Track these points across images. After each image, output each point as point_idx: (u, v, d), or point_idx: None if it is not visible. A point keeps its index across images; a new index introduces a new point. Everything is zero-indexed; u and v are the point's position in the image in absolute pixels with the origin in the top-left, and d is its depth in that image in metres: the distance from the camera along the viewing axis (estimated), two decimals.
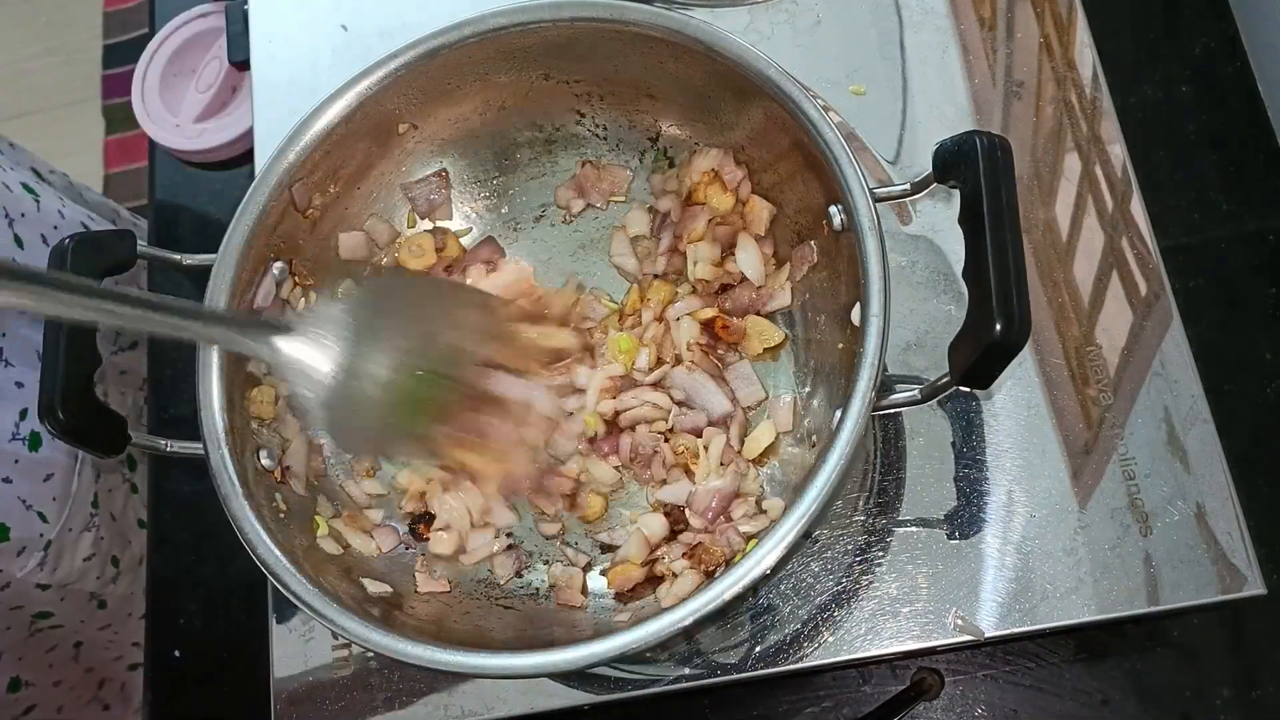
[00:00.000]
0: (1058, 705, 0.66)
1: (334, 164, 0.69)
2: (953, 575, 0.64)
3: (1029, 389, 0.67)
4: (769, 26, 0.78)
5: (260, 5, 0.85)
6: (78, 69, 2.02)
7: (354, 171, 0.71)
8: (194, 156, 0.91)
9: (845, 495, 0.66)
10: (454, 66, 0.69)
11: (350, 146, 0.69)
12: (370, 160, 0.72)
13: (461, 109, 0.73)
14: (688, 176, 0.71)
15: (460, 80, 0.71)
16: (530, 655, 0.55)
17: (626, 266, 0.73)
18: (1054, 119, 0.74)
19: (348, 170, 0.71)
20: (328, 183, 0.69)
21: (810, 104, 0.61)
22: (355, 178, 0.72)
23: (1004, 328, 0.50)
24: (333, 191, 0.70)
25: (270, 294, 0.68)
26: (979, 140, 0.54)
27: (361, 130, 0.69)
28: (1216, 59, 0.81)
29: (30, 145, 1.07)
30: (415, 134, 0.72)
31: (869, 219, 0.58)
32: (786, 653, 0.64)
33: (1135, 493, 0.65)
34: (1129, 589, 0.63)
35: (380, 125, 0.70)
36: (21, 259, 0.87)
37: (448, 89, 0.71)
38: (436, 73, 0.69)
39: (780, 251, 0.69)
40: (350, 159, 0.70)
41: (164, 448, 0.64)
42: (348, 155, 0.70)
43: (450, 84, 0.71)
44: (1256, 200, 0.77)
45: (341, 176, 0.70)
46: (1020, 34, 0.77)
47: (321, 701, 0.67)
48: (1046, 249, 0.71)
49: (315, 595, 0.57)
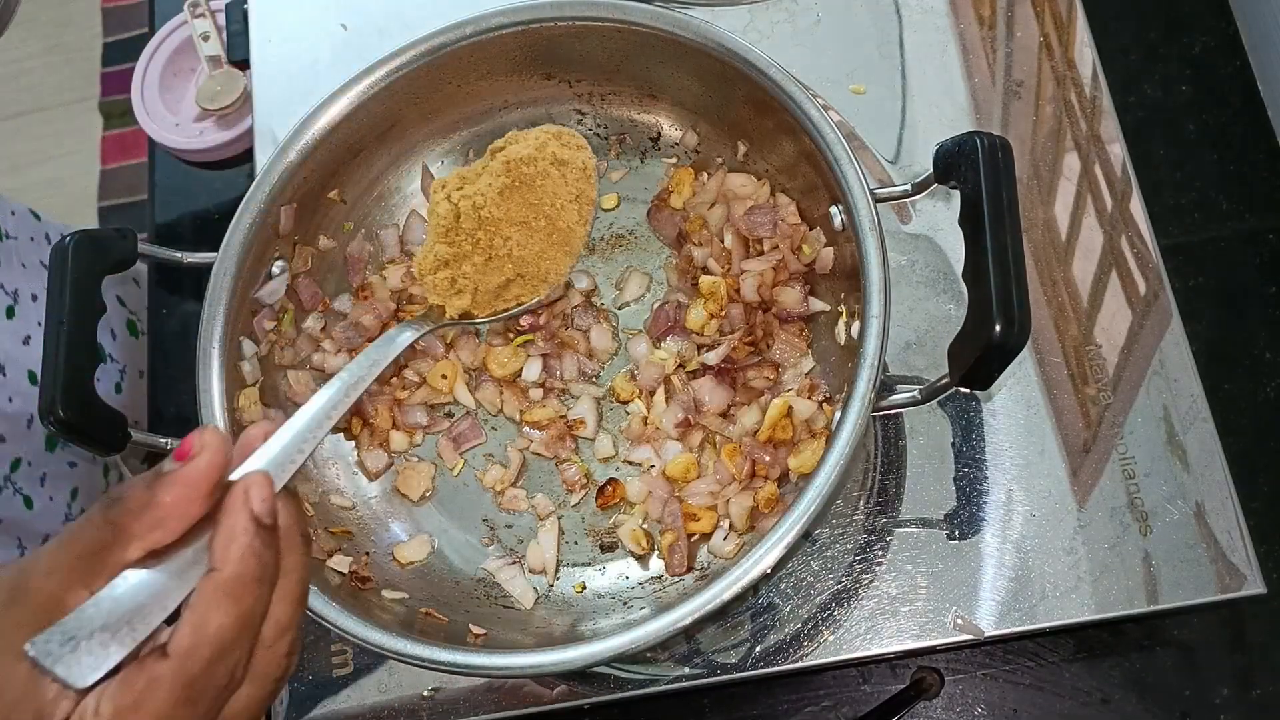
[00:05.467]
0: (1057, 704, 0.66)
1: (334, 164, 0.69)
2: (952, 575, 0.64)
3: (1028, 389, 0.68)
4: (769, 26, 0.78)
5: (260, 5, 0.85)
6: (77, 68, 2.02)
7: (354, 171, 0.71)
8: (194, 155, 0.91)
9: (845, 495, 0.67)
10: (454, 66, 0.69)
11: (350, 146, 0.69)
12: (370, 160, 0.72)
13: (462, 109, 0.73)
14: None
15: (460, 80, 0.71)
16: (530, 655, 0.55)
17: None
18: (1054, 118, 0.74)
19: (348, 169, 0.71)
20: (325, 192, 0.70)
21: (810, 104, 0.61)
22: (356, 177, 0.72)
23: (1004, 329, 0.50)
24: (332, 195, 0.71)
25: (276, 293, 0.69)
26: (979, 141, 0.54)
27: (362, 130, 0.69)
28: (1216, 59, 0.81)
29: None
30: (415, 134, 0.72)
31: (869, 219, 0.58)
32: (786, 652, 0.64)
33: (1135, 492, 0.65)
34: (1128, 588, 0.63)
35: (380, 125, 0.70)
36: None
37: (448, 89, 0.71)
38: (437, 72, 0.69)
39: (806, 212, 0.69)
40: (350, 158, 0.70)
41: (164, 446, 0.64)
42: (348, 154, 0.70)
43: (450, 84, 0.71)
44: (1256, 200, 0.78)
45: (341, 176, 0.71)
46: (1020, 33, 0.77)
47: (321, 701, 0.67)
48: (1046, 248, 0.71)
49: (314, 594, 0.57)
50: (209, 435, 0.38)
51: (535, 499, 0.68)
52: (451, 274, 0.63)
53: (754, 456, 0.64)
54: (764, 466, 0.64)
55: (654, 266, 0.73)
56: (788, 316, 0.67)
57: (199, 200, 0.91)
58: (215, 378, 0.63)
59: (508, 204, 0.63)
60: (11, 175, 1.93)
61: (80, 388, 0.60)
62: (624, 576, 0.66)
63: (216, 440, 0.38)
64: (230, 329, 0.65)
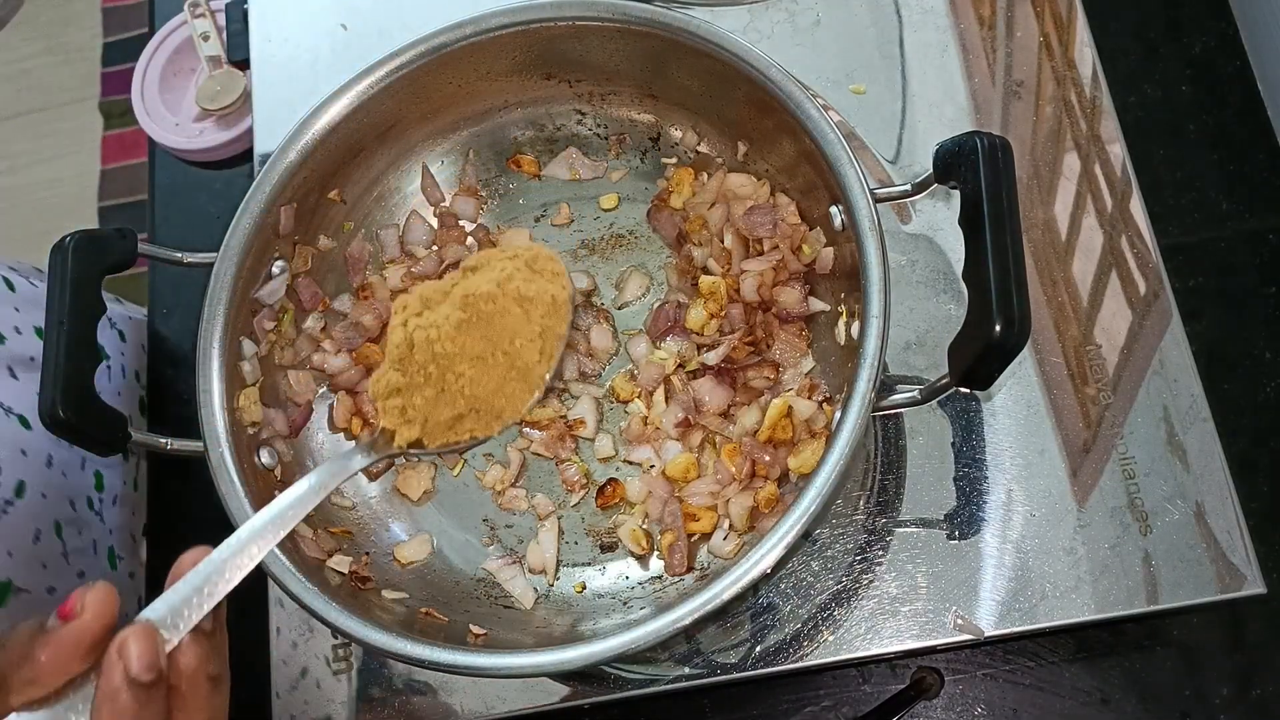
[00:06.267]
0: (1057, 704, 0.66)
1: (334, 164, 0.69)
2: (952, 574, 0.64)
3: (1028, 388, 0.68)
4: (769, 26, 0.78)
5: (260, 5, 0.85)
6: (77, 68, 2.02)
7: (355, 171, 0.71)
8: (193, 155, 0.91)
9: (845, 495, 0.67)
10: (454, 66, 0.69)
11: (350, 146, 0.69)
12: (370, 160, 0.72)
13: (462, 109, 0.73)
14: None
15: (460, 80, 0.71)
16: (530, 655, 0.55)
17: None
18: (1054, 118, 0.74)
19: (348, 170, 0.71)
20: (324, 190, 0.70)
21: (810, 104, 0.61)
22: (356, 177, 0.72)
23: (1004, 329, 0.50)
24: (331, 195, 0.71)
25: (276, 293, 0.69)
26: (979, 141, 0.54)
27: (362, 130, 0.69)
28: (1216, 59, 0.81)
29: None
30: (415, 134, 0.72)
31: (869, 219, 0.58)
32: (786, 652, 0.64)
33: (1134, 492, 0.65)
34: (1128, 588, 0.63)
35: (380, 125, 0.70)
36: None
37: (448, 89, 0.71)
38: (437, 72, 0.69)
39: (806, 212, 0.69)
40: (350, 158, 0.70)
41: (164, 446, 0.64)
42: (348, 154, 0.70)
43: (450, 84, 0.71)
44: (1256, 200, 0.78)
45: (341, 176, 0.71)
46: (1020, 33, 0.77)
47: (321, 701, 0.67)
48: (1046, 248, 0.71)
49: (314, 595, 0.57)
50: (92, 595, 0.38)
51: (535, 499, 0.69)
52: (403, 403, 0.62)
53: (754, 456, 0.64)
54: (764, 466, 0.64)
55: (654, 266, 0.73)
56: (788, 316, 0.67)
57: (199, 200, 0.91)
58: (215, 378, 0.63)
59: (464, 339, 0.61)
60: (11, 175, 1.93)
61: (80, 388, 0.60)
62: (624, 576, 0.66)
63: (98, 599, 0.38)
64: (230, 329, 0.65)
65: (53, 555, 0.76)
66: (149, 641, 0.38)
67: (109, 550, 0.83)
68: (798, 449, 0.63)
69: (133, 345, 0.91)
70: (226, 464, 0.61)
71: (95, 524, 0.82)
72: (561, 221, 0.75)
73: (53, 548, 0.76)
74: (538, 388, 0.64)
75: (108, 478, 0.84)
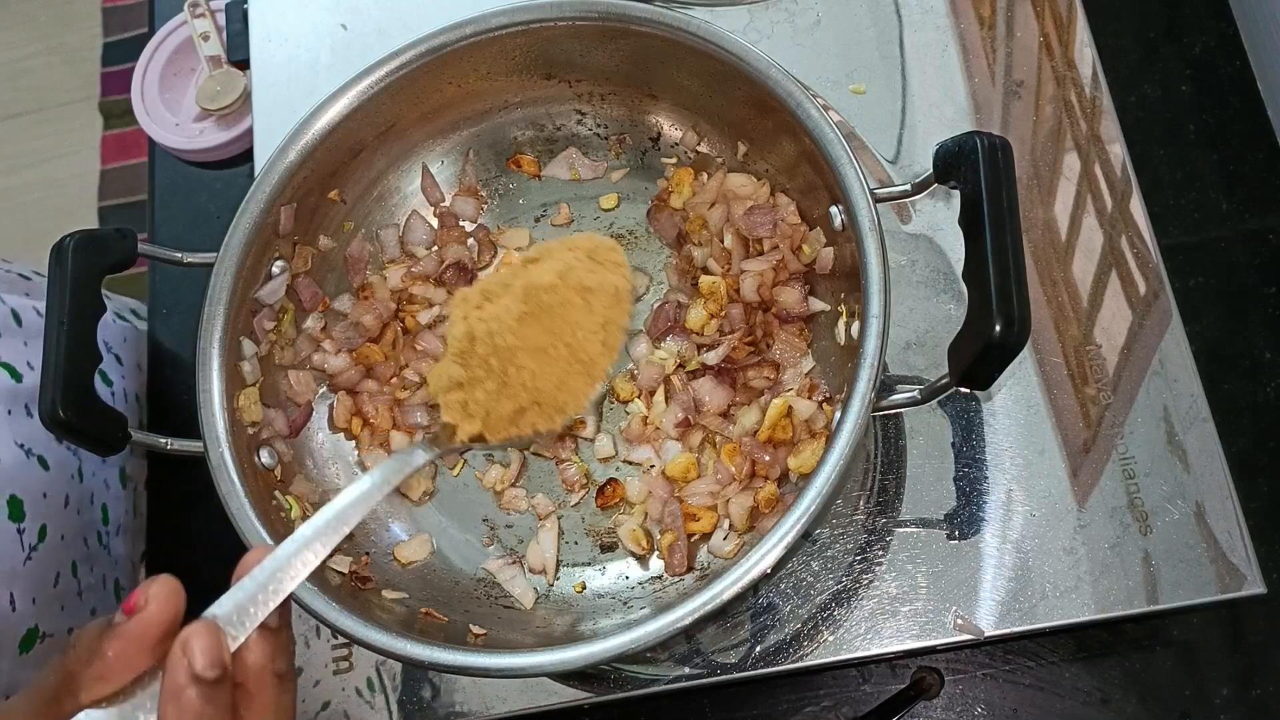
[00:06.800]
0: (1057, 704, 0.66)
1: (334, 164, 0.69)
2: (952, 574, 0.64)
3: (1028, 388, 0.68)
4: (769, 26, 0.78)
5: (260, 5, 0.85)
6: (77, 68, 2.02)
7: (354, 171, 0.71)
8: (193, 155, 0.91)
9: (845, 495, 0.67)
10: (454, 66, 0.69)
11: (350, 146, 0.69)
12: (370, 160, 0.72)
13: (462, 109, 0.73)
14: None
15: (460, 80, 0.71)
16: (530, 655, 0.55)
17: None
18: (1054, 118, 0.74)
19: (347, 170, 0.71)
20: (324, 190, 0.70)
21: (810, 104, 0.61)
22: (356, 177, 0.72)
23: (1004, 329, 0.50)
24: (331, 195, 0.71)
25: (276, 293, 0.69)
26: (979, 141, 0.54)
27: (362, 130, 0.69)
28: (1216, 59, 0.81)
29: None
30: (415, 134, 0.72)
31: (869, 219, 0.58)
32: (786, 652, 0.64)
33: (1134, 492, 0.65)
34: (1128, 588, 0.63)
35: (380, 125, 0.70)
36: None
37: (448, 89, 0.71)
38: (437, 72, 0.69)
39: (806, 212, 0.68)
40: (350, 158, 0.70)
41: (164, 445, 0.64)
42: (348, 154, 0.70)
43: (450, 84, 0.71)
44: (1256, 200, 0.78)
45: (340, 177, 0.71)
46: (1020, 33, 0.77)
47: (321, 701, 0.67)
48: (1046, 248, 0.71)
49: (314, 595, 0.57)
50: (155, 587, 0.38)
51: (535, 499, 0.69)
52: (464, 397, 0.60)
53: (754, 456, 0.64)
54: (764, 466, 0.64)
55: (654, 266, 0.73)
56: (788, 316, 0.67)
57: (199, 200, 0.91)
58: (215, 378, 0.63)
59: (526, 331, 0.59)
60: (11, 175, 1.93)
61: (80, 388, 0.60)
62: (624, 576, 0.66)
63: (164, 593, 0.38)
64: (230, 329, 0.65)
65: (70, 595, 0.75)
66: (213, 638, 0.38)
67: (114, 582, 0.83)
68: (798, 449, 0.63)
69: (132, 346, 0.91)
70: (226, 464, 0.61)
71: (104, 558, 0.81)
72: (561, 221, 0.75)
73: (70, 588, 0.75)
74: (600, 380, 0.63)
75: (112, 509, 0.83)
